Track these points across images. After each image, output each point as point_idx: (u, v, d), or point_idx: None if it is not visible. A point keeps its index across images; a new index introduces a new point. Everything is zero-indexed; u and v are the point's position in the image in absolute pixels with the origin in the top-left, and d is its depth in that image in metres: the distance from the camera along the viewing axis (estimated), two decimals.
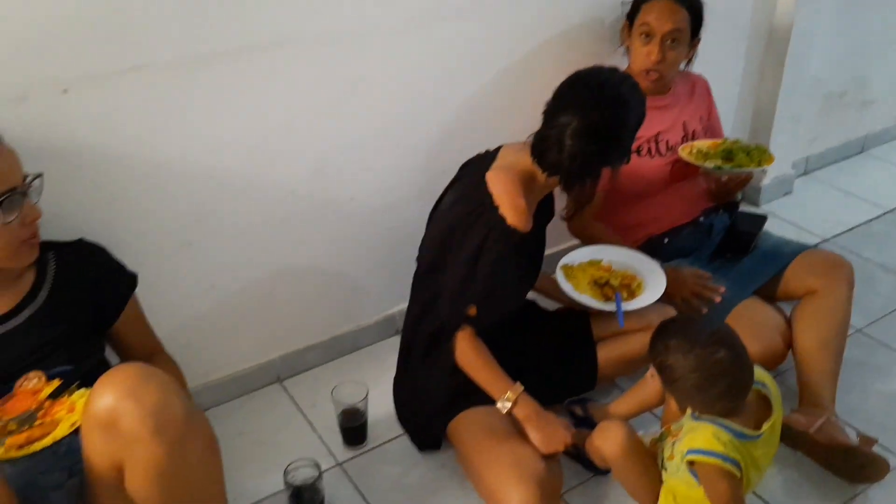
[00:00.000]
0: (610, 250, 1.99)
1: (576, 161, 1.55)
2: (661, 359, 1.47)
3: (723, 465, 1.42)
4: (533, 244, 1.70)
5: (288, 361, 2.08)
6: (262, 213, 1.86)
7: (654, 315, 1.88)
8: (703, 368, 1.41)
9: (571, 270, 1.93)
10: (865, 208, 2.85)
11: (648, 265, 1.93)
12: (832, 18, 2.72)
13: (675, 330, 1.49)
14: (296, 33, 1.72)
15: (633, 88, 1.61)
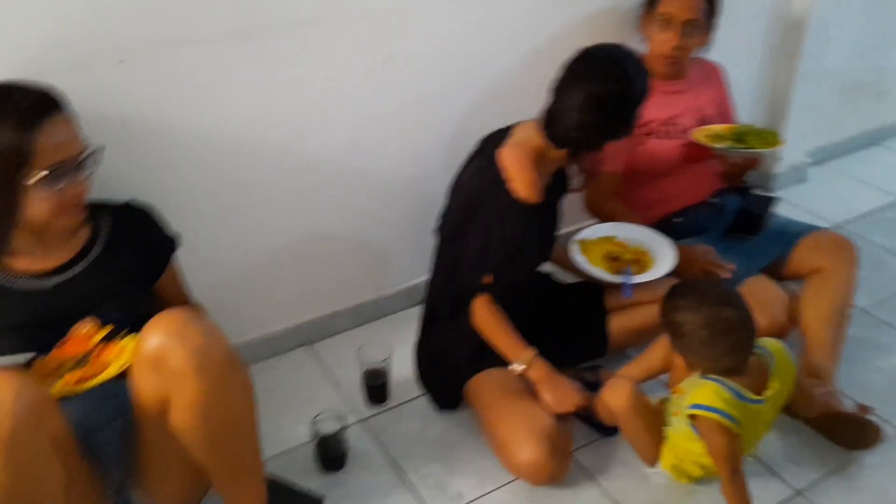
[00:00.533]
0: (625, 227, 2.09)
1: (581, 132, 1.65)
2: (672, 316, 1.57)
3: (721, 420, 1.51)
4: (546, 216, 1.80)
5: (316, 325, 2.20)
6: (296, 182, 1.98)
7: (663, 289, 1.97)
8: (710, 325, 1.52)
9: (587, 245, 2.03)
10: (878, 196, 2.91)
11: (660, 242, 2.03)
12: (850, 9, 2.78)
13: (685, 290, 1.60)
14: (334, 9, 1.82)
15: (636, 64, 1.69)
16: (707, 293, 1.56)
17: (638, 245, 2.04)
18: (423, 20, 1.96)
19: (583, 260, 1.97)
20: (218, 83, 1.76)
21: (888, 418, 1.90)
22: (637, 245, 2.04)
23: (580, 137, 1.66)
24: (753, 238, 2.17)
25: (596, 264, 1.97)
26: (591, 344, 2.01)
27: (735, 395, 1.55)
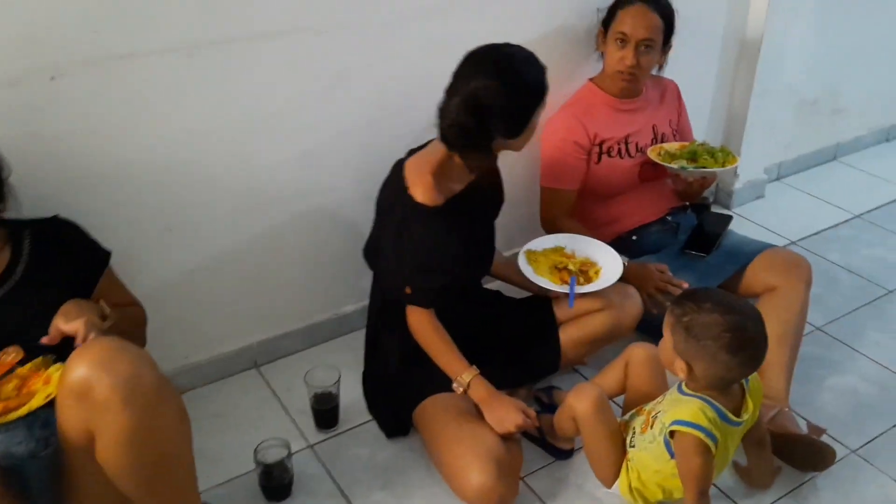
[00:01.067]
0: (574, 239, 2.06)
1: (457, 132, 1.59)
2: (693, 317, 1.50)
3: (704, 439, 1.49)
4: (457, 220, 1.73)
5: (266, 347, 2.14)
6: (245, 199, 1.93)
7: (614, 296, 1.95)
8: (736, 330, 1.47)
9: (534, 255, 2.01)
10: (834, 213, 2.93)
11: (609, 255, 2.01)
12: (805, 27, 2.80)
13: (711, 294, 1.55)
14: (284, 24, 1.78)
15: (526, 62, 1.62)
16: (736, 302, 1.52)
17: (585, 256, 2.02)
18: (379, 36, 1.93)
19: (529, 270, 1.95)
20: (160, 98, 1.71)
21: (841, 438, 1.89)
22: (585, 256, 2.02)
23: (459, 137, 1.60)
24: (707, 257, 2.16)
25: (542, 275, 1.94)
26: (543, 358, 1.97)
27: (719, 416, 1.53)
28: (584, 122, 2.17)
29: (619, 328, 1.97)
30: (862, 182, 3.18)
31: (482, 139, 1.61)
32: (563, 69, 2.29)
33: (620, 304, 1.96)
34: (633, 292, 1.99)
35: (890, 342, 2.24)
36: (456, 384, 1.75)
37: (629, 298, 1.97)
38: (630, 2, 2.10)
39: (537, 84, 1.64)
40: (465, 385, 1.73)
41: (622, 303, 1.96)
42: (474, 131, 1.59)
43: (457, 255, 1.75)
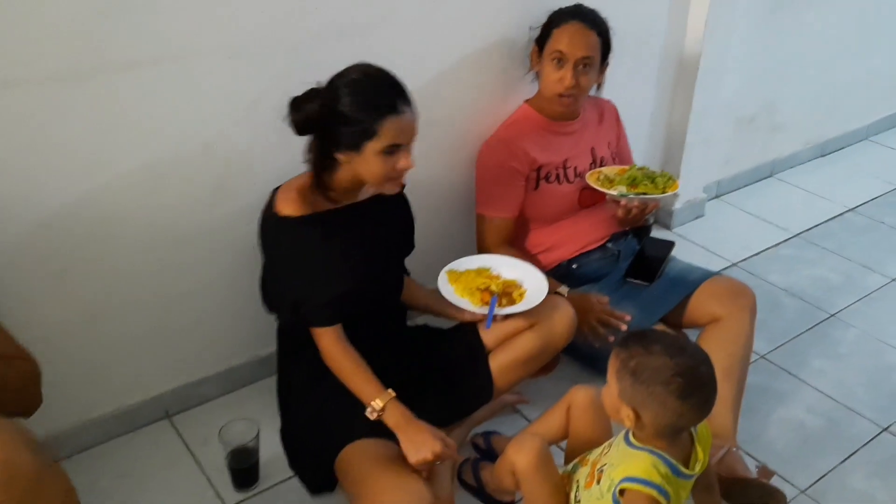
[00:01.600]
0: (503, 261, 1.94)
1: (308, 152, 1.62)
2: (640, 361, 1.38)
3: (657, 497, 1.37)
4: (340, 231, 1.66)
5: (178, 395, 1.96)
6: (150, 238, 1.75)
7: (541, 309, 1.84)
8: (687, 375, 1.36)
9: (456, 276, 1.88)
10: (773, 232, 2.90)
11: (535, 278, 1.88)
12: (741, 45, 2.76)
13: (657, 337, 1.43)
14: (193, 47, 1.63)
15: (343, 76, 1.57)
16: (684, 344, 1.42)
17: (511, 278, 1.90)
18: (299, 58, 1.77)
19: (448, 290, 1.83)
20: (47, 129, 1.53)
21: (790, 478, 1.82)
22: (510, 278, 1.90)
23: (307, 155, 1.63)
24: (650, 285, 2.07)
25: (462, 295, 1.82)
26: (474, 388, 1.84)
27: (672, 471, 1.41)
28: (521, 146, 2.06)
29: (550, 344, 1.85)
30: (799, 199, 3.16)
31: (323, 156, 1.59)
32: (496, 91, 2.18)
33: (549, 317, 1.84)
34: (561, 303, 1.88)
35: (833, 370, 2.19)
36: (369, 409, 1.61)
37: (558, 310, 1.85)
38: (565, 20, 2.00)
39: (363, 100, 1.55)
40: (380, 410, 1.60)
41: (550, 315, 1.84)
42: (318, 149, 1.59)
43: (339, 265, 1.65)
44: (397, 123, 1.56)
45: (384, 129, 1.54)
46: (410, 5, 1.89)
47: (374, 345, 1.77)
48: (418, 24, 1.93)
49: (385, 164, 1.58)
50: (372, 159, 1.57)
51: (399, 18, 1.89)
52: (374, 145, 1.55)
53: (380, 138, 1.55)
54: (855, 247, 2.80)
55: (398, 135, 1.56)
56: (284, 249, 1.64)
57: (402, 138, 1.58)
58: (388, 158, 1.58)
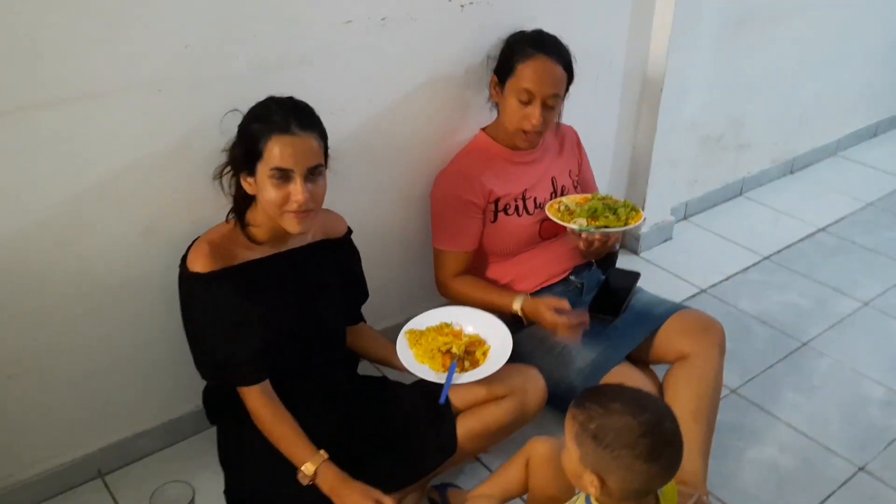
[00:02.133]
0: (463, 312, 1.84)
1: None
2: (601, 423, 1.27)
3: None
4: (255, 284, 1.56)
5: (113, 452, 1.83)
6: (76, 285, 1.62)
7: (516, 379, 1.75)
8: (653, 434, 1.25)
9: (416, 336, 1.77)
10: (742, 255, 2.82)
11: (499, 331, 1.79)
12: (706, 63, 2.69)
13: (614, 393, 1.33)
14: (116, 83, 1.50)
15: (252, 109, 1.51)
16: (645, 399, 1.31)
17: (474, 332, 1.79)
18: (235, 90, 1.63)
19: (408, 356, 1.72)
20: None
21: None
22: (473, 332, 1.79)
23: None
24: (616, 320, 1.97)
25: (422, 361, 1.71)
26: (437, 447, 1.72)
27: None
28: (477, 178, 1.96)
29: (522, 417, 1.76)
30: (768, 219, 3.09)
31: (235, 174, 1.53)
32: (450, 121, 2.07)
33: (523, 388, 1.75)
34: (535, 374, 1.79)
35: (806, 403, 2.11)
36: (300, 474, 1.51)
37: (531, 381, 1.77)
38: (530, 54, 1.88)
39: (255, 128, 1.47)
40: (311, 475, 1.51)
41: (523, 387, 1.75)
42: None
43: (256, 320, 1.55)
44: (284, 143, 1.44)
45: (270, 148, 1.44)
46: (354, 35, 1.78)
47: (319, 399, 1.67)
48: (362, 53, 1.82)
49: (277, 191, 1.47)
50: (264, 184, 1.47)
51: (341, 48, 1.78)
52: (263, 168, 1.46)
53: (266, 160, 1.45)
54: (826, 269, 2.73)
55: (285, 158, 1.45)
56: (197, 308, 1.55)
57: (291, 162, 1.45)
58: (279, 185, 1.47)
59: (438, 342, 1.75)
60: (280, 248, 1.60)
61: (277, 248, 1.60)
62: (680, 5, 2.39)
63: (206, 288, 1.51)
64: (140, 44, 1.49)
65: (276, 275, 1.58)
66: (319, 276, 1.65)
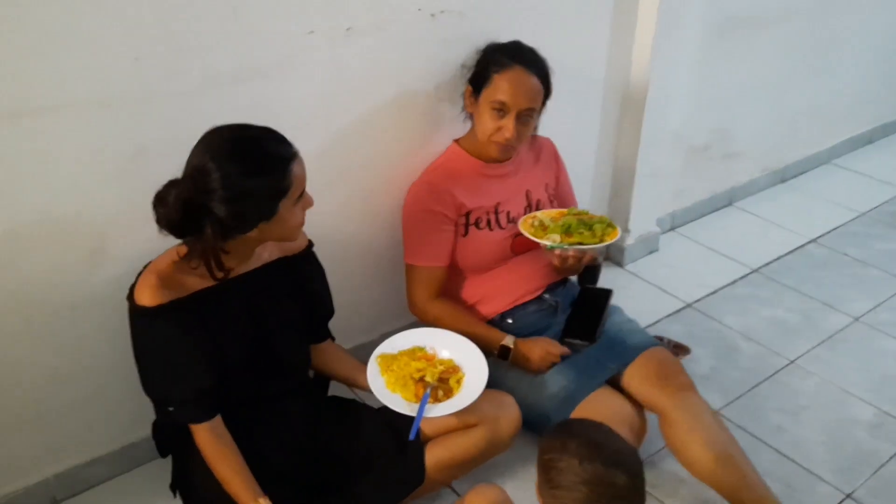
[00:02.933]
0: (436, 335, 1.78)
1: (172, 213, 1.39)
2: (554, 456, 1.23)
3: None
4: (205, 315, 1.48)
5: (66, 479, 1.76)
6: (18, 311, 1.55)
7: (488, 407, 1.70)
8: (595, 485, 1.18)
9: (388, 361, 1.70)
10: (730, 267, 2.75)
11: (473, 356, 1.73)
12: (689, 73, 2.62)
13: (580, 431, 1.27)
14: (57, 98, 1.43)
15: (212, 152, 1.37)
16: (605, 445, 1.24)
17: (448, 357, 1.73)
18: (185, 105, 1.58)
19: (379, 384, 1.65)
20: None
21: None
22: (447, 357, 1.73)
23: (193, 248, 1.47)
24: (592, 344, 1.89)
25: (394, 389, 1.64)
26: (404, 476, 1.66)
27: None
28: (448, 190, 1.89)
29: (494, 446, 1.71)
30: (758, 229, 3.02)
31: (225, 233, 1.41)
32: (422, 132, 2.00)
33: (495, 417, 1.70)
34: (509, 402, 1.74)
35: (792, 426, 2.03)
36: None
37: (505, 409, 1.72)
38: (506, 65, 1.81)
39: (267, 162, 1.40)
40: None
41: (497, 415, 1.70)
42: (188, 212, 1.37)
43: (205, 357, 1.47)
44: (300, 168, 1.43)
45: (293, 178, 1.41)
46: (316, 46, 1.71)
47: (276, 429, 1.60)
48: (328, 64, 1.75)
49: (300, 214, 1.47)
50: (288, 216, 1.44)
51: (303, 61, 1.71)
52: (288, 201, 1.42)
53: (293, 191, 1.41)
54: (815, 282, 2.65)
55: (303, 178, 1.44)
56: (142, 342, 1.48)
57: (305, 179, 1.46)
58: (299, 204, 1.46)
59: (411, 368, 1.67)
60: (235, 273, 1.52)
61: (236, 272, 1.53)
62: (662, 15, 2.33)
63: (151, 323, 1.43)
64: (84, 57, 1.43)
65: (227, 303, 1.51)
66: (274, 298, 1.58)
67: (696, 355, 2.26)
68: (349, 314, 2.01)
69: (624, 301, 2.09)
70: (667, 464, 1.88)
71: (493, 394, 1.75)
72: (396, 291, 2.08)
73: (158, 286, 1.42)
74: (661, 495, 1.82)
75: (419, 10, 1.84)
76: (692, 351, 2.23)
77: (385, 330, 2.17)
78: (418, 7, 1.83)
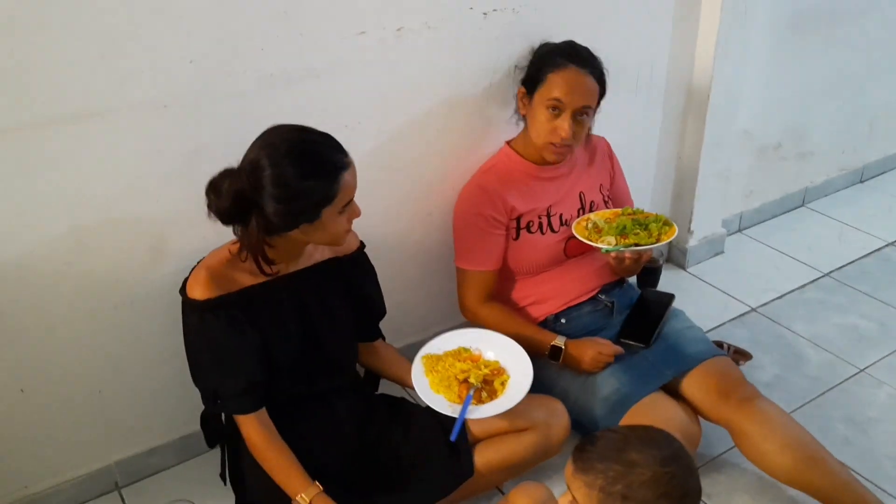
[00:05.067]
0: (482, 336, 1.77)
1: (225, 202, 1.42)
2: (620, 470, 1.13)
3: None
4: (254, 312, 1.51)
5: (127, 466, 1.83)
6: (83, 304, 1.62)
7: (539, 413, 1.69)
8: (660, 484, 1.11)
9: (433, 362, 1.70)
10: (800, 271, 2.64)
11: (519, 359, 1.70)
12: (759, 70, 2.53)
13: (634, 439, 1.17)
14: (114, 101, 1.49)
15: (270, 149, 1.39)
16: (668, 450, 1.16)
17: (494, 359, 1.71)
18: (242, 105, 1.62)
19: (423, 384, 1.66)
20: None
21: None
22: (493, 358, 1.71)
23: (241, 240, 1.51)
24: (647, 348, 1.85)
25: (438, 390, 1.63)
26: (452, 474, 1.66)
27: None
28: (499, 193, 1.88)
29: (545, 451, 1.71)
30: (832, 231, 2.89)
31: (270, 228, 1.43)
32: (473, 133, 1.99)
33: (546, 422, 1.70)
34: (560, 409, 1.73)
35: (859, 438, 1.93)
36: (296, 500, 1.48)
37: (556, 416, 1.71)
38: (561, 64, 1.79)
39: (320, 168, 1.41)
40: (308, 502, 1.47)
41: (548, 421, 1.70)
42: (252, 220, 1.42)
43: (252, 351, 1.50)
44: (350, 177, 1.44)
45: (341, 187, 1.42)
46: (367, 47, 1.73)
47: (325, 426, 1.63)
48: (377, 66, 1.76)
49: (346, 222, 1.49)
50: (331, 223, 1.45)
51: (354, 61, 1.73)
52: (333, 209, 1.43)
53: (339, 199, 1.43)
54: (892, 288, 2.52)
55: (352, 187, 1.46)
56: (193, 335, 1.52)
57: (354, 189, 1.47)
58: (345, 213, 1.47)
59: (456, 369, 1.67)
60: (285, 271, 1.56)
61: (286, 270, 1.56)
62: (728, 7, 2.25)
63: (201, 317, 1.48)
64: (143, 60, 1.48)
65: (277, 301, 1.54)
66: (324, 298, 1.60)
67: (761, 362, 2.18)
68: (400, 314, 2.02)
69: (685, 304, 2.04)
70: (721, 473, 1.82)
71: (544, 399, 1.75)
72: (447, 292, 2.08)
73: (209, 281, 1.47)
74: None
75: (471, 8, 1.84)
76: (755, 357, 2.14)
77: (435, 330, 2.16)
78: (470, 6, 1.83)
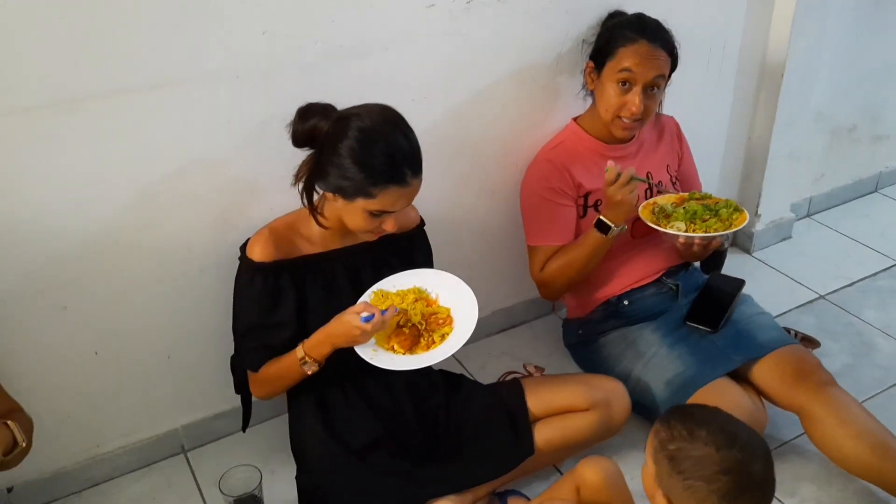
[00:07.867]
0: (445, 280, 1.59)
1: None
2: (681, 446, 1.17)
3: None
4: (307, 280, 1.56)
5: (193, 430, 1.88)
6: (153, 271, 1.66)
7: (600, 393, 1.69)
8: (737, 473, 1.13)
9: (382, 298, 1.54)
10: (872, 258, 2.55)
11: (470, 314, 1.54)
12: (836, 49, 2.43)
13: (707, 418, 1.20)
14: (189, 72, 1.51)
15: (360, 117, 1.42)
16: (740, 431, 1.18)
17: (446, 305, 1.57)
18: (308, 78, 1.62)
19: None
20: (35, 160, 1.45)
21: None
22: (445, 305, 1.57)
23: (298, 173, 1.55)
24: (714, 332, 1.81)
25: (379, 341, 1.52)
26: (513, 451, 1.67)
27: None
28: (567, 168, 1.85)
29: (606, 431, 1.70)
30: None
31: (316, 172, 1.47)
32: (540, 108, 1.97)
33: (607, 402, 1.69)
34: (620, 389, 1.71)
35: None
36: (303, 368, 1.52)
37: (617, 397, 1.71)
38: (632, 38, 1.75)
39: (374, 165, 1.41)
40: (303, 356, 1.52)
41: (609, 401, 1.69)
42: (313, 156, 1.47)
43: (289, 317, 1.55)
44: (398, 194, 1.44)
45: (383, 196, 1.43)
46: (436, 20, 1.71)
47: (385, 396, 1.66)
48: (446, 38, 1.75)
49: (370, 222, 1.48)
50: (359, 213, 1.46)
51: (423, 34, 1.72)
52: (367, 205, 1.44)
53: (375, 202, 1.43)
54: None
55: (395, 203, 1.45)
56: (240, 292, 1.58)
57: (398, 206, 1.46)
58: (374, 218, 1.47)
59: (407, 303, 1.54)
60: (342, 243, 1.58)
61: (339, 244, 1.58)
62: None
63: (252, 277, 1.53)
64: (216, 32, 1.50)
65: (331, 272, 1.58)
66: (378, 273, 1.61)
67: (829, 350, 2.12)
68: None
69: (750, 289, 1.98)
70: (786, 461, 1.78)
71: (603, 380, 1.74)
72: (510, 269, 2.07)
73: (270, 242, 1.53)
74: (780, 495, 1.72)
75: None
76: (822, 345, 2.08)
77: (496, 307, 2.18)
78: None
